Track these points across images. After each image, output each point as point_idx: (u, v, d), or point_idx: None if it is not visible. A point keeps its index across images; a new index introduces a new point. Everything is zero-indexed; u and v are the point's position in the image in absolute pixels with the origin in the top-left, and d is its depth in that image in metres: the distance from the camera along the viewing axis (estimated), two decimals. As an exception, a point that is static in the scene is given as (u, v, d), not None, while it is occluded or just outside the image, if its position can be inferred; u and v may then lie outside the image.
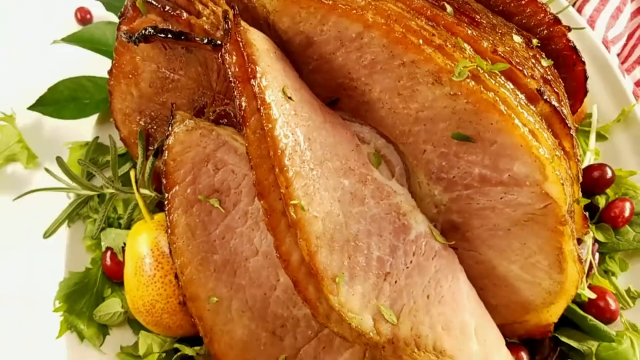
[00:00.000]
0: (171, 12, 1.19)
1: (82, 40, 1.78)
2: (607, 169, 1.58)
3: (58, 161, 1.51)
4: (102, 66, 1.59)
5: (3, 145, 1.84)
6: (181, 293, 1.27)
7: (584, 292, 1.39)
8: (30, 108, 1.69)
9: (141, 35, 1.18)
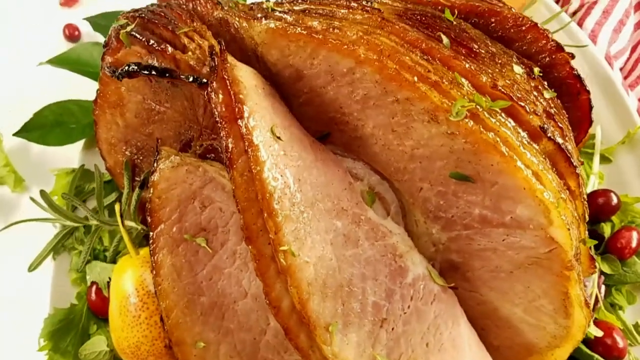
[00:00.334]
0: (156, 47, 1.13)
1: (69, 62, 1.76)
2: (612, 195, 1.51)
3: (42, 194, 1.47)
4: (91, 85, 1.54)
5: (-11, 168, 1.81)
6: (167, 336, 1.21)
7: (590, 330, 1.32)
8: (15, 134, 1.66)
9: (124, 71, 1.12)
